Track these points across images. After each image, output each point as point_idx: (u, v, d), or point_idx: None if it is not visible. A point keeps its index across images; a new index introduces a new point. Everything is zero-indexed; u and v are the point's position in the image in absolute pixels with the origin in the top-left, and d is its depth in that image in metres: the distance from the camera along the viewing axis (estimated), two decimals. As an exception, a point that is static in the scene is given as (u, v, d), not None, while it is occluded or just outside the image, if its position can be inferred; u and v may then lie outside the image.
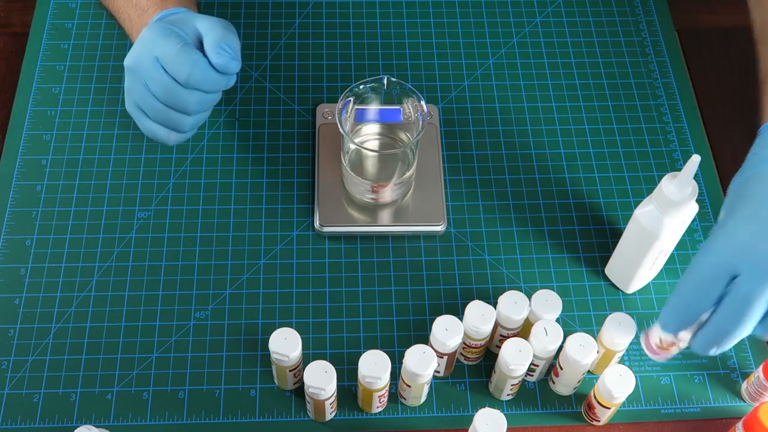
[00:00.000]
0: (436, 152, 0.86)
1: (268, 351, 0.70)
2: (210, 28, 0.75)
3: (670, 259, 0.82)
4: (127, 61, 0.76)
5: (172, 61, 0.74)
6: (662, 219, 0.71)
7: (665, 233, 0.71)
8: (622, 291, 0.80)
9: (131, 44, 0.82)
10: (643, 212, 0.72)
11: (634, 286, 0.79)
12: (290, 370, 0.71)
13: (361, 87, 0.79)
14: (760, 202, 0.63)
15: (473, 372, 0.76)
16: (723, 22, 0.93)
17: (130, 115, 0.80)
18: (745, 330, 0.61)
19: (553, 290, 0.74)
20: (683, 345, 0.66)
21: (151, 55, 0.74)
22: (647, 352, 0.68)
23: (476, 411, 0.65)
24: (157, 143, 0.86)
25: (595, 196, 0.86)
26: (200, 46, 0.76)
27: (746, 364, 0.77)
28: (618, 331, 0.71)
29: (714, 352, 0.63)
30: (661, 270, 0.81)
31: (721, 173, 0.88)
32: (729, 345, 0.62)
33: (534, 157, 0.88)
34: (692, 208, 0.71)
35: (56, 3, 0.97)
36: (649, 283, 0.81)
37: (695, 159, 0.67)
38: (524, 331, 0.74)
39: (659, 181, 0.70)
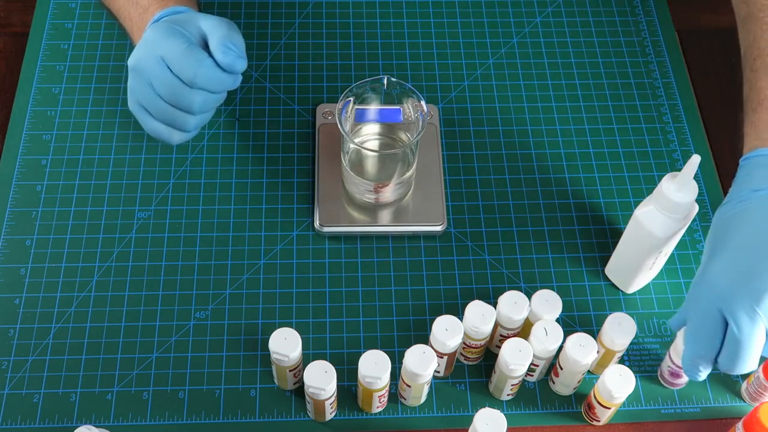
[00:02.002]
0: (436, 152, 0.86)
1: (268, 351, 0.70)
2: (214, 28, 0.75)
3: (670, 259, 0.82)
4: (131, 61, 0.76)
5: (178, 61, 0.74)
6: (662, 219, 0.71)
7: (665, 233, 0.71)
8: (622, 291, 0.80)
9: (132, 44, 0.83)
10: (643, 212, 0.72)
11: (634, 286, 0.79)
12: (290, 370, 0.71)
13: (361, 87, 0.79)
14: (736, 248, 0.67)
15: (473, 372, 0.76)
16: (723, 22, 0.93)
17: (132, 114, 0.80)
18: (748, 366, 0.67)
19: (553, 290, 0.73)
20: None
21: (155, 54, 0.74)
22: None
23: (476, 411, 0.65)
24: (159, 142, 0.86)
25: (595, 196, 0.86)
26: (205, 46, 0.76)
27: (746, 364, 0.77)
28: (618, 331, 0.71)
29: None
30: (661, 270, 0.81)
31: (721, 173, 0.88)
32: (743, 372, 0.67)
33: (534, 157, 0.88)
34: (692, 208, 0.71)
35: (56, 3, 0.97)
36: (649, 283, 0.81)
37: (695, 159, 0.67)
38: (524, 331, 0.74)
39: (659, 181, 0.70)
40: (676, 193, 0.69)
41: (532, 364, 0.72)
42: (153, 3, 0.80)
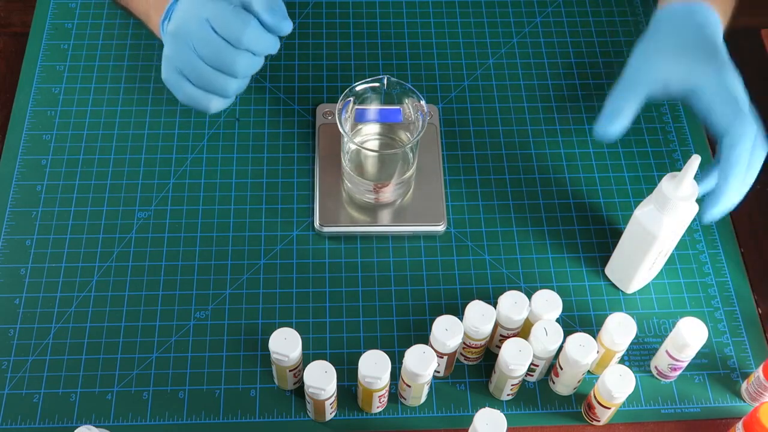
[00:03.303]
0: (436, 152, 0.86)
1: (268, 351, 0.70)
2: None
3: (671, 259, 0.82)
4: (171, 27, 0.75)
5: (225, 21, 0.73)
6: (662, 219, 0.71)
7: (665, 233, 0.71)
8: (622, 291, 0.80)
9: (148, 27, 0.82)
10: (643, 212, 0.72)
11: (634, 286, 0.79)
12: (290, 370, 0.71)
13: (361, 87, 0.79)
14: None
15: (473, 372, 0.76)
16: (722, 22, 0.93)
17: (166, 85, 0.78)
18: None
19: (553, 290, 0.73)
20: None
21: (200, 16, 0.74)
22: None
23: (476, 411, 0.65)
24: (159, 142, 0.86)
25: (595, 196, 0.86)
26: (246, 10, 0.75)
27: (746, 364, 0.77)
28: (618, 331, 0.71)
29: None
30: (661, 270, 0.81)
31: (721, 173, 0.88)
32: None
33: (534, 157, 0.88)
34: (692, 208, 0.71)
35: (56, 3, 0.97)
36: (649, 283, 0.81)
37: (695, 159, 0.67)
38: (524, 331, 0.74)
39: (659, 181, 0.70)
40: (676, 193, 0.69)
41: (532, 364, 0.72)
42: None
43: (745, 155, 0.72)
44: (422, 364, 0.68)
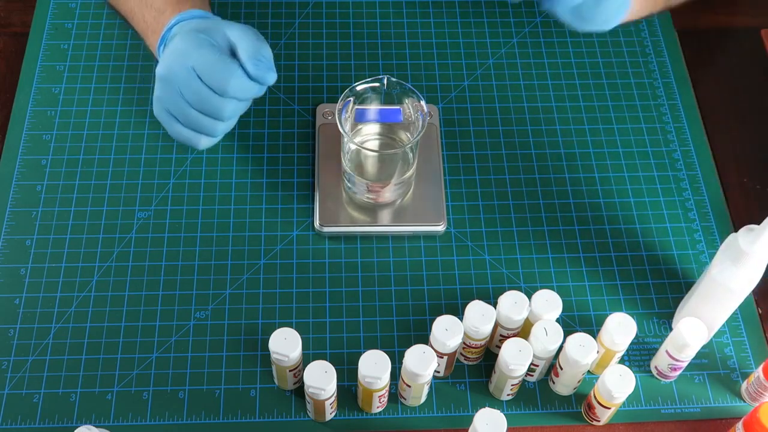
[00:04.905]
0: (436, 152, 0.86)
1: (268, 351, 0.70)
2: (242, 38, 0.75)
3: (671, 259, 0.82)
4: (160, 70, 0.76)
5: (211, 71, 0.74)
6: (738, 273, 0.69)
7: (743, 287, 0.70)
8: (622, 291, 0.80)
9: (146, 46, 0.83)
10: (719, 271, 0.70)
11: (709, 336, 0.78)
12: (290, 370, 0.71)
13: (361, 87, 0.79)
14: None
15: (473, 372, 0.76)
16: (723, 22, 0.93)
17: (158, 120, 0.80)
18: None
19: (553, 290, 0.73)
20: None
21: (186, 65, 0.74)
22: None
23: (476, 411, 0.65)
24: (158, 141, 0.86)
25: (595, 196, 0.86)
26: (232, 55, 0.76)
27: (746, 364, 0.77)
28: (618, 331, 0.71)
29: None
30: (661, 270, 0.81)
31: (721, 173, 0.88)
32: None
33: (534, 157, 0.88)
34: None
35: (56, 3, 0.97)
36: (648, 283, 0.81)
37: None
38: (524, 331, 0.74)
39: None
40: (753, 247, 0.67)
41: (532, 364, 0.72)
42: (168, 6, 0.80)
43: None
44: (422, 364, 0.68)
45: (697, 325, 0.71)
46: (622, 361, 0.77)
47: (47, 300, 0.78)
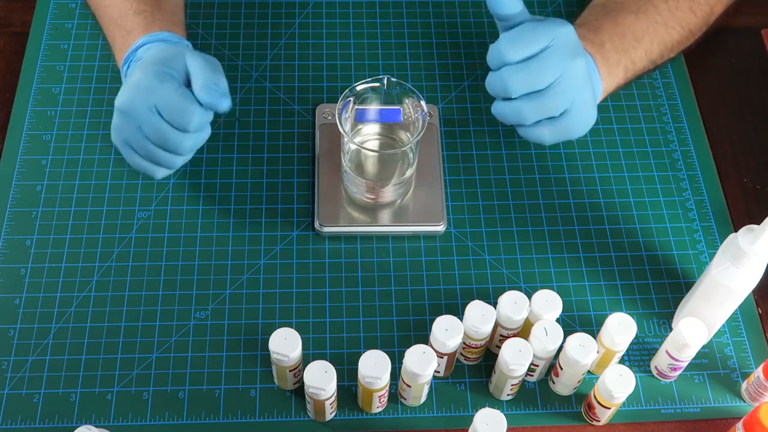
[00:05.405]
0: (436, 152, 0.86)
1: (268, 351, 0.70)
2: (199, 69, 0.75)
3: (671, 259, 0.82)
4: (119, 102, 0.76)
5: (172, 110, 0.74)
6: (737, 272, 0.69)
7: (743, 287, 0.70)
8: (622, 291, 0.80)
9: (114, 61, 0.83)
10: (719, 271, 0.70)
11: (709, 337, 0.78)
12: (290, 370, 0.71)
13: (361, 87, 0.79)
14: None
15: (473, 372, 0.76)
16: (723, 22, 0.93)
17: (117, 148, 0.80)
18: None
19: (553, 290, 0.73)
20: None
21: (147, 102, 0.74)
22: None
23: (476, 411, 0.65)
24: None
25: (595, 196, 0.86)
26: (188, 83, 0.76)
27: (746, 364, 0.77)
28: (618, 331, 0.71)
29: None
30: (661, 270, 0.81)
31: (721, 173, 0.88)
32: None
33: (534, 157, 0.88)
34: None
35: (56, 3, 0.97)
36: (648, 283, 0.81)
37: None
38: (524, 331, 0.74)
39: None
40: (753, 247, 0.67)
41: (532, 364, 0.72)
42: (136, 27, 0.80)
43: None
44: (422, 364, 0.68)
45: (697, 325, 0.71)
46: (622, 361, 0.77)
47: (47, 300, 0.78)
